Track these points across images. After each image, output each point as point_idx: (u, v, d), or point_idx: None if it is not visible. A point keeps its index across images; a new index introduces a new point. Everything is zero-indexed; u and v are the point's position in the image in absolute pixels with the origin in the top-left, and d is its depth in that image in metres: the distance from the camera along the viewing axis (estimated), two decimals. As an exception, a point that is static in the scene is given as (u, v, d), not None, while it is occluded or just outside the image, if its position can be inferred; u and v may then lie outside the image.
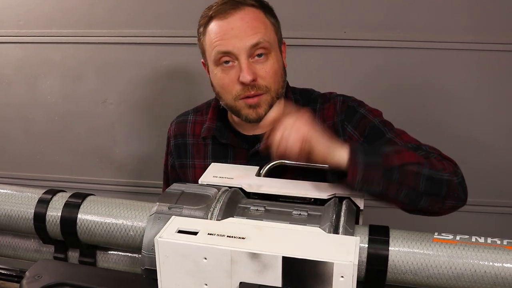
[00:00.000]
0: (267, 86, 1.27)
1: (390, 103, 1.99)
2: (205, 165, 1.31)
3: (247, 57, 1.24)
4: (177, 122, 1.50)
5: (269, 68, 1.27)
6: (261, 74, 1.26)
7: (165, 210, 0.96)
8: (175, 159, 1.47)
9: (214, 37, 1.26)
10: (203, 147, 1.43)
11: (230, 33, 1.24)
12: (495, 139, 2.00)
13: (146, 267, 0.92)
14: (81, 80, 2.20)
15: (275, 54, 1.29)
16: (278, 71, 1.30)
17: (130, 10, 2.09)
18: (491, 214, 2.07)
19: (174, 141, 1.48)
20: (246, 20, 1.24)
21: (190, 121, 1.47)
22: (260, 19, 1.27)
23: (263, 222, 0.93)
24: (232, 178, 1.11)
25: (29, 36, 2.18)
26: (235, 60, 1.25)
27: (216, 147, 1.41)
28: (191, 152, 1.44)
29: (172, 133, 1.49)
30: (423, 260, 0.88)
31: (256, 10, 1.28)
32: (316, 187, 1.08)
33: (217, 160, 1.38)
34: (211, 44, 1.27)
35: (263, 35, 1.25)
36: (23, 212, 1.05)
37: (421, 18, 1.92)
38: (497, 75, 1.94)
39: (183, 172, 1.46)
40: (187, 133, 1.46)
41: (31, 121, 2.28)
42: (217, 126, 1.40)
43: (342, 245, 0.81)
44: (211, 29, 1.28)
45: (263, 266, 0.79)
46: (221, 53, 1.25)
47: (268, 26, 1.29)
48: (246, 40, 1.23)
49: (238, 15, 1.25)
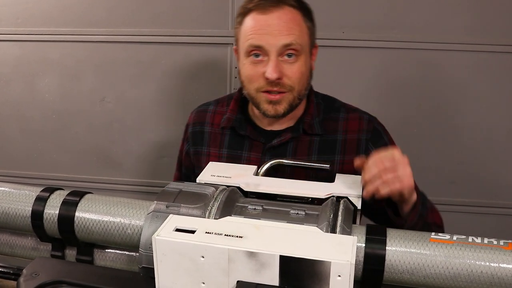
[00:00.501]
0: (291, 86, 1.30)
1: (387, 103, 2.00)
2: (220, 154, 1.40)
3: (277, 55, 1.28)
4: (198, 111, 1.53)
5: (296, 69, 1.30)
6: (287, 73, 1.29)
7: (163, 208, 0.96)
8: (191, 146, 1.50)
9: (250, 30, 1.30)
10: (220, 137, 1.46)
11: (265, 29, 1.27)
12: (492, 139, 2.01)
13: (144, 265, 0.92)
14: (79, 79, 2.20)
15: (305, 57, 1.32)
16: (305, 74, 1.33)
17: (129, 9, 2.09)
18: (488, 214, 2.07)
19: (192, 128, 1.51)
20: (284, 20, 1.28)
21: (211, 110, 1.50)
22: (296, 21, 1.30)
23: (260, 221, 0.94)
24: (230, 177, 1.11)
25: (27, 34, 2.18)
26: (266, 56, 1.29)
27: (233, 138, 1.44)
28: (207, 140, 1.47)
29: (191, 120, 1.53)
30: (420, 260, 0.88)
31: (295, 11, 1.31)
32: (313, 186, 1.09)
33: (232, 150, 1.43)
34: (246, 35, 1.31)
35: (297, 38, 1.28)
36: (21, 210, 1.05)
37: (419, 19, 1.93)
38: (495, 77, 1.95)
39: (197, 159, 1.49)
40: (206, 121, 1.49)
41: (29, 120, 2.28)
42: (237, 117, 1.43)
43: (340, 245, 0.81)
44: (248, 21, 1.31)
45: (260, 265, 0.79)
46: (253, 46, 1.29)
47: (303, 29, 1.31)
48: (279, 38, 1.27)
49: (277, 13, 1.28)
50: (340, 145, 1.37)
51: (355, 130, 1.38)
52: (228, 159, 1.42)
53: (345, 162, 1.36)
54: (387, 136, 1.41)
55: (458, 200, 2.07)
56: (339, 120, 1.40)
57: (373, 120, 1.41)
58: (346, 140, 1.38)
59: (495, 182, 2.05)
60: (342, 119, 1.40)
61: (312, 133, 1.38)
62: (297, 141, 1.39)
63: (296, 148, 1.39)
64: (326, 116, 1.41)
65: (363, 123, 1.39)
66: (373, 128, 1.39)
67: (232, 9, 2.01)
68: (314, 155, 1.38)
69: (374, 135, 1.38)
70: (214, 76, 2.10)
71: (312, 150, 1.38)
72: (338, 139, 1.38)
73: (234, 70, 2.05)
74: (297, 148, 1.39)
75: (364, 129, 1.38)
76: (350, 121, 1.40)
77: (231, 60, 2.06)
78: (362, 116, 1.41)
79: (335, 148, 1.37)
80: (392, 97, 2.01)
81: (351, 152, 1.36)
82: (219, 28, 2.04)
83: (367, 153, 1.35)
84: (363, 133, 1.38)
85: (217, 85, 2.11)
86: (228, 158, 1.43)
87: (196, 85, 2.13)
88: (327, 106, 1.43)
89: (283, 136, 1.39)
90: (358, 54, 1.98)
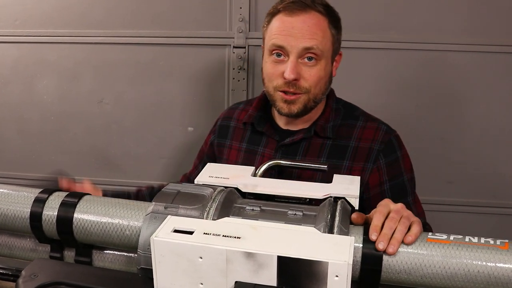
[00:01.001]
0: (307, 88, 1.34)
1: (385, 103, 2.00)
2: (240, 148, 1.49)
3: (297, 56, 1.32)
4: (229, 108, 1.65)
5: (314, 73, 1.34)
6: (305, 76, 1.33)
7: (161, 209, 0.96)
8: (216, 137, 1.59)
9: (275, 30, 1.35)
10: (242, 131, 1.54)
11: (289, 31, 1.32)
12: (490, 140, 2.01)
13: (142, 266, 0.93)
14: (77, 80, 2.20)
15: (325, 62, 1.35)
16: (322, 78, 1.36)
17: (127, 10, 2.09)
18: (485, 214, 2.08)
19: (220, 122, 1.61)
20: (308, 24, 1.32)
21: (240, 108, 1.60)
22: (321, 27, 1.34)
23: (258, 221, 0.94)
24: (227, 178, 1.12)
25: (25, 36, 2.18)
26: (286, 56, 1.33)
27: (253, 134, 1.51)
28: (231, 134, 1.56)
29: (222, 115, 1.63)
30: (417, 260, 0.89)
31: (321, 17, 1.34)
32: (311, 187, 1.09)
33: (250, 144, 1.50)
34: (271, 35, 1.36)
35: (319, 43, 1.32)
36: (19, 212, 1.05)
37: (418, 19, 1.93)
38: (494, 77, 1.95)
39: (219, 151, 1.58)
40: (233, 117, 1.58)
41: (27, 121, 2.28)
42: (257, 115, 1.50)
43: (337, 245, 0.82)
44: (275, 21, 1.36)
45: (258, 266, 0.80)
46: (276, 46, 1.34)
47: (326, 35, 1.35)
48: (301, 41, 1.31)
49: (302, 17, 1.32)
50: (351, 151, 1.39)
51: (369, 139, 1.39)
52: (246, 153, 1.49)
53: (353, 169, 1.37)
54: (401, 152, 1.41)
55: (456, 200, 2.07)
56: (356, 128, 1.42)
57: (391, 132, 1.42)
58: (358, 147, 1.39)
59: (493, 182, 2.05)
60: (359, 127, 1.42)
61: (324, 136, 1.40)
62: (309, 143, 1.42)
63: (307, 149, 1.42)
64: (344, 122, 1.43)
65: (379, 133, 1.40)
66: (388, 140, 1.40)
67: (230, 10, 2.02)
68: (324, 157, 1.40)
69: (388, 147, 1.39)
70: (213, 77, 2.10)
71: (323, 152, 1.40)
72: (350, 145, 1.40)
73: (232, 71, 2.06)
74: (308, 149, 1.42)
75: (378, 140, 1.39)
76: (366, 130, 1.41)
77: (230, 61, 2.06)
78: (380, 127, 1.42)
79: (345, 154, 1.39)
80: (390, 97, 2.02)
81: (360, 160, 1.38)
82: (217, 29, 2.05)
83: (376, 164, 1.37)
84: (376, 143, 1.39)
85: (216, 86, 2.11)
86: (246, 152, 1.49)
87: (194, 86, 2.13)
88: (346, 113, 1.46)
89: (296, 136, 1.42)
90: (357, 55, 1.98)
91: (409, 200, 1.38)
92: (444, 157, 2.04)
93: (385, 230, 0.92)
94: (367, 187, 1.37)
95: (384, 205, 0.99)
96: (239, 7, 2.00)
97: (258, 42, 2.01)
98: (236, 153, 1.51)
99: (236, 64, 2.05)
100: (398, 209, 0.98)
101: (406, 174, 1.40)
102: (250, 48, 2.03)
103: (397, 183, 1.38)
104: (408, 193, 1.39)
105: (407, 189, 1.39)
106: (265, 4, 1.98)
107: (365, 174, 1.37)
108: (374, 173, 1.37)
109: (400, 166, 1.39)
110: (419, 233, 0.93)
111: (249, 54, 2.04)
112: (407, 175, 1.40)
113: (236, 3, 2.00)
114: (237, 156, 1.50)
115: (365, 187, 1.37)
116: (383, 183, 1.37)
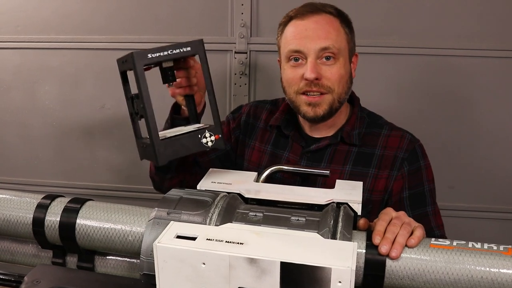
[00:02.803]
0: (330, 87, 1.34)
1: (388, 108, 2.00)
2: (263, 150, 1.48)
3: (315, 57, 1.32)
4: (254, 106, 1.59)
5: (335, 71, 1.33)
6: (326, 75, 1.33)
7: (164, 215, 0.96)
8: (241, 133, 1.56)
9: (290, 35, 1.35)
10: (268, 134, 1.52)
11: (303, 33, 1.33)
12: (491, 144, 2.01)
13: (145, 272, 0.93)
14: (79, 86, 2.20)
15: (344, 60, 1.35)
16: (344, 77, 1.36)
17: (128, 16, 2.10)
18: (487, 219, 2.07)
19: (245, 118, 1.57)
20: (321, 24, 1.33)
21: (267, 108, 1.57)
22: (334, 26, 1.34)
23: (261, 227, 0.94)
24: (230, 184, 1.12)
25: (27, 42, 2.18)
26: (304, 59, 1.33)
27: (278, 137, 1.50)
28: (256, 135, 1.54)
29: (246, 111, 1.58)
30: (420, 266, 0.89)
31: (333, 18, 1.35)
32: (314, 192, 1.09)
33: (275, 148, 1.48)
34: (286, 41, 1.36)
35: (334, 41, 1.32)
36: (22, 217, 1.05)
37: (418, 24, 1.93)
38: (497, 81, 1.95)
39: (241, 149, 1.56)
40: (260, 117, 1.55)
41: (29, 127, 2.28)
42: (285, 118, 1.49)
43: (340, 251, 0.82)
44: (288, 28, 1.37)
45: (261, 271, 0.79)
46: (293, 51, 1.34)
47: (340, 34, 1.35)
48: (317, 42, 1.31)
49: (314, 18, 1.33)
50: (377, 159, 1.39)
51: (394, 147, 1.40)
52: (271, 156, 1.48)
53: (378, 176, 1.37)
54: (424, 162, 1.41)
55: (457, 205, 2.07)
56: (381, 136, 1.42)
57: (415, 141, 1.42)
58: (383, 156, 1.39)
59: (495, 186, 2.05)
60: (384, 135, 1.42)
61: (350, 142, 1.40)
62: (335, 149, 1.41)
63: (332, 156, 1.41)
64: (369, 131, 1.43)
65: (404, 141, 1.40)
66: (413, 148, 1.40)
67: (232, 15, 2.02)
68: (349, 165, 1.39)
69: (412, 155, 1.39)
70: (214, 83, 2.08)
71: (348, 160, 1.40)
72: (376, 153, 1.40)
73: (234, 76, 2.06)
74: (333, 156, 1.41)
75: (403, 148, 1.39)
76: (391, 138, 1.41)
77: (231, 66, 2.06)
78: (405, 135, 1.42)
79: (371, 162, 1.39)
80: (391, 102, 2.01)
81: (386, 168, 1.38)
82: (219, 34, 2.05)
83: (400, 171, 1.37)
84: (401, 151, 1.39)
85: (217, 91, 2.09)
86: (270, 155, 1.48)
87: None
88: (371, 122, 1.46)
89: (322, 142, 1.42)
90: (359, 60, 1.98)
91: (429, 210, 1.38)
92: (445, 162, 2.03)
93: (387, 234, 0.93)
94: (391, 194, 1.37)
95: (386, 213, 1.02)
96: (241, 12, 2.00)
97: (260, 47, 2.01)
98: (259, 155, 1.50)
99: (237, 70, 2.05)
100: (399, 215, 1.00)
101: (427, 184, 1.39)
102: (251, 54, 2.03)
103: (416, 192, 1.38)
104: (427, 203, 1.38)
105: (426, 199, 1.38)
106: (267, 9, 1.99)
107: (390, 181, 1.37)
108: (398, 180, 1.37)
109: (421, 176, 1.39)
110: (422, 237, 0.94)
111: (250, 59, 2.04)
112: (428, 185, 1.40)
113: (237, 9, 2.00)
114: (260, 158, 1.49)
115: (389, 194, 1.37)
116: (403, 190, 1.37)
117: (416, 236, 0.93)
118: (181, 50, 1.07)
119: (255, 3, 2.00)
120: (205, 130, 1.09)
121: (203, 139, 1.06)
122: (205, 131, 1.08)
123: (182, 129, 1.17)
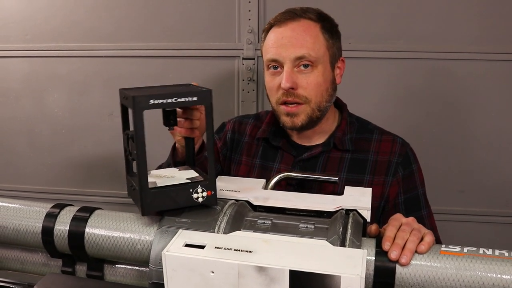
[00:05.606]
0: (306, 97, 1.32)
1: (395, 113, 2.00)
2: (251, 163, 1.45)
3: (291, 66, 1.30)
4: (238, 121, 1.57)
5: (312, 79, 1.32)
6: (302, 84, 1.31)
7: (172, 223, 0.96)
8: (228, 150, 1.54)
9: (269, 44, 1.35)
10: (255, 147, 1.50)
11: (280, 42, 1.32)
12: (501, 148, 2.00)
13: (154, 280, 0.93)
14: (87, 94, 2.21)
15: (322, 68, 1.33)
16: (322, 85, 1.33)
17: (136, 24, 2.10)
18: (498, 224, 2.05)
19: (230, 135, 1.55)
20: (297, 32, 1.31)
21: (251, 123, 1.55)
22: (311, 33, 1.32)
23: (270, 235, 0.94)
24: (238, 191, 1.11)
25: (36, 50, 2.20)
26: (282, 67, 1.32)
27: (266, 149, 1.48)
28: (242, 149, 1.51)
29: (231, 127, 1.56)
30: (431, 273, 0.88)
31: (312, 24, 1.33)
32: (322, 199, 1.09)
33: (264, 160, 1.46)
34: (266, 50, 1.37)
35: (310, 49, 1.30)
36: (31, 226, 1.06)
37: (425, 28, 1.93)
38: (504, 85, 1.94)
39: (227, 165, 1.53)
40: (245, 132, 1.53)
41: (38, 135, 2.29)
42: (272, 130, 1.47)
43: (349, 258, 0.81)
44: (268, 36, 1.37)
45: (270, 280, 0.79)
46: (270, 60, 1.34)
47: (318, 41, 1.32)
48: (292, 51, 1.30)
49: (291, 26, 1.32)
50: (371, 165, 1.38)
51: (387, 152, 1.39)
52: (260, 169, 1.46)
53: (374, 183, 1.36)
54: (416, 165, 1.41)
55: (467, 210, 2.05)
56: (372, 141, 1.41)
57: (406, 145, 1.42)
58: (377, 161, 1.38)
59: (505, 190, 2.03)
60: (375, 140, 1.41)
61: (343, 148, 1.39)
62: (328, 157, 1.40)
63: (326, 163, 1.40)
64: (359, 136, 1.42)
65: (396, 145, 1.40)
66: (406, 152, 1.39)
67: (239, 22, 2.02)
68: (344, 172, 1.38)
69: (405, 159, 1.39)
70: (222, 89, 2.10)
71: (342, 167, 1.39)
72: (369, 159, 1.39)
73: (242, 82, 2.06)
74: (327, 164, 1.40)
75: (396, 152, 1.39)
76: (383, 143, 1.41)
77: (239, 73, 2.06)
78: (396, 139, 1.42)
79: (365, 168, 1.38)
80: (399, 107, 2.01)
81: (381, 174, 1.37)
82: (226, 41, 2.05)
83: (395, 176, 1.36)
84: (394, 156, 1.38)
85: (225, 98, 2.11)
86: (260, 168, 1.46)
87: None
88: (361, 127, 1.45)
89: (314, 150, 1.40)
90: (365, 65, 1.98)
91: (423, 214, 1.37)
92: (454, 166, 2.02)
93: (397, 240, 0.92)
94: (387, 200, 1.36)
95: (396, 219, 1.01)
96: (248, 18, 2.01)
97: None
98: (247, 169, 1.47)
99: (245, 76, 2.05)
100: (409, 221, 0.99)
101: (420, 187, 1.39)
102: (259, 60, 2.03)
103: (411, 197, 1.37)
104: (422, 206, 1.38)
105: (421, 203, 1.39)
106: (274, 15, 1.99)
107: (386, 187, 1.36)
108: (393, 186, 1.36)
109: (415, 180, 1.39)
110: (432, 243, 0.93)
111: (258, 65, 2.04)
112: (422, 188, 1.40)
113: (244, 15, 2.01)
114: (248, 172, 1.47)
115: (386, 200, 1.36)
116: (398, 195, 1.37)
117: (426, 242, 0.93)
118: (187, 99, 1.01)
119: (262, 9, 2.00)
120: (198, 185, 1.02)
121: (194, 194, 1.02)
122: (198, 186, 1.03)
123: (175, 174, 1.14)
